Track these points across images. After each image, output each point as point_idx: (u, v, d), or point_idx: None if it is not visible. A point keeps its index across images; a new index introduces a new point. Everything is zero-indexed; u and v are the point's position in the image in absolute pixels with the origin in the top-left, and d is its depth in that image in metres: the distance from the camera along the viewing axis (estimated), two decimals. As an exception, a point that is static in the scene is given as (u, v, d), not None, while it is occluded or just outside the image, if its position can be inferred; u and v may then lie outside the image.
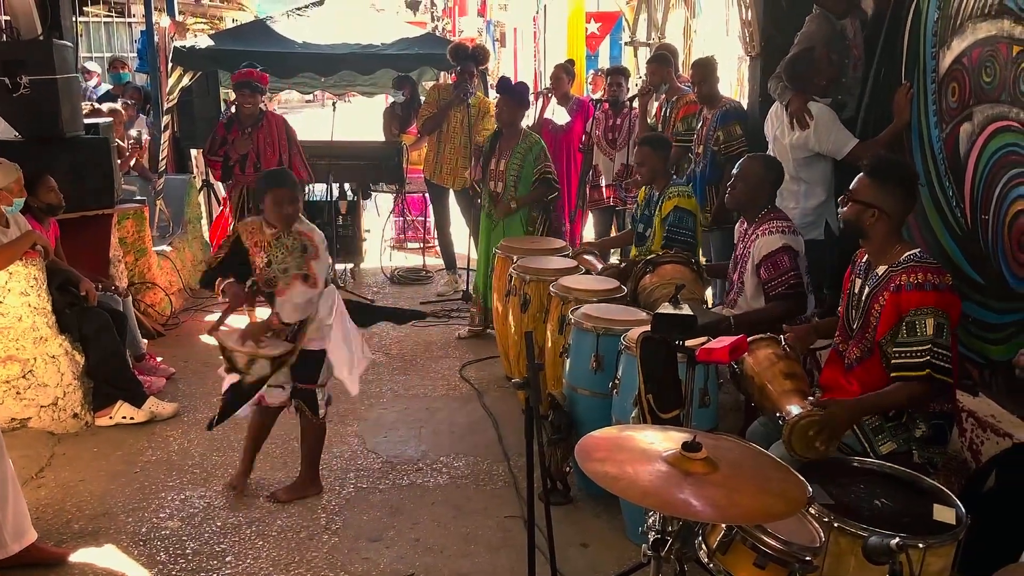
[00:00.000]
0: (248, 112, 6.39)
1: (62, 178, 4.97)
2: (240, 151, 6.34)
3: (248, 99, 6.37)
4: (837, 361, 3.23)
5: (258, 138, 6.37)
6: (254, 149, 6.35)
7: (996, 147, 3.59)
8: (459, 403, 5.15)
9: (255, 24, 8.99)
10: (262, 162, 6.27)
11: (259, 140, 6.37)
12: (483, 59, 7.16)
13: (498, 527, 3.77)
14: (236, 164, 6.39)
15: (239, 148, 6.33)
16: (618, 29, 12.28)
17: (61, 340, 4.68)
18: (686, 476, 2.02)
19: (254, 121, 6.40)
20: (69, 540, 3.64)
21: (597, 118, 6.86)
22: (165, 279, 6.76)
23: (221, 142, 6.45)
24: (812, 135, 4.40)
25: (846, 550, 2.30)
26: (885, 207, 2.97)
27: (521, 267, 4.81)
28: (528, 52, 18.95)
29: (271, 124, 6.46)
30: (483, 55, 7.21)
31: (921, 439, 2.95)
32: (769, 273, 3.84)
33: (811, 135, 4.40)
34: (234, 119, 6.48)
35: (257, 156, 6.33)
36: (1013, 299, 3.52)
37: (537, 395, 2.64)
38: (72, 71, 5.42)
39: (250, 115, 6.39)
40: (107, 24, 14.76)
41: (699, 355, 2.62)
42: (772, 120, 4.78)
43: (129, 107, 8.11)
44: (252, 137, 6.35)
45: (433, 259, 8.34)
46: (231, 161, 6.41)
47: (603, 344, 3.79)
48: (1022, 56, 3.39)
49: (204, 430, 4.69)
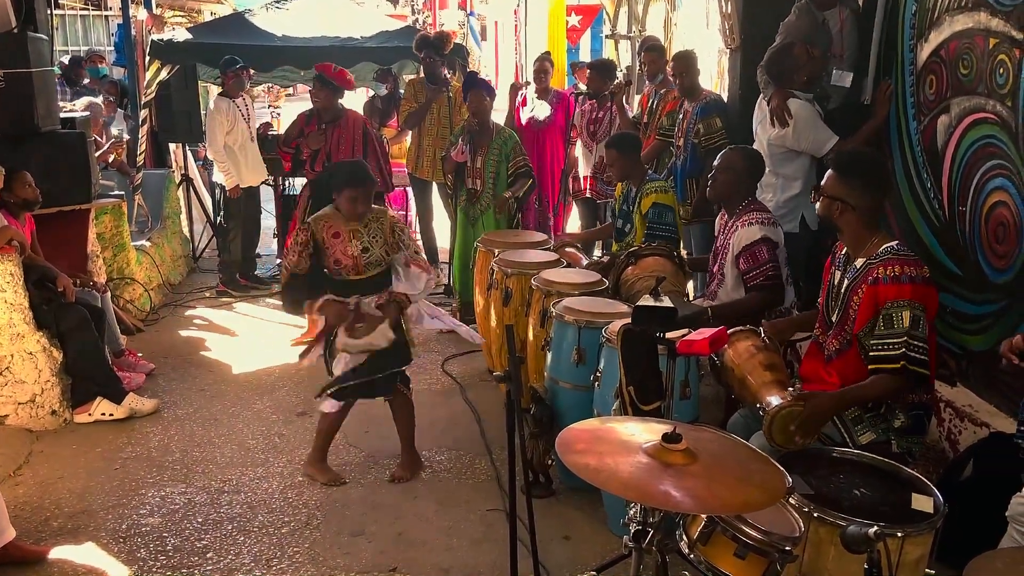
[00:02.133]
0: (319, 107, 6.09)
1: (38, 173, 4.93)
2: (312, 146, 6.07)
3: (317, 93, 6.10)
4: (817, 353, 3.25)
5: (334, 135, 6.07)
6: (326, 146, 6.05)
7: (973, 139, 3.62)
8: (441, 397, 5.14)
9: (234, 17, 8.91)
10: (333, 161, 5.94)
11: (334, 137, 6.06)
12: (443, 46, 7.12)
13: (480, 520, 3.77)
14: (308, 160, 6.12)
15: (311, 143, 6.07)
16: (599, 22, 12.28)
17: (39, 336, 4.63)
18: (666, 468, 2.03)
19: (332, 117, 6.09)
20: (48, 538, 3.61)
21: (582, 111, 6.86)
22: (144, 274, 6.71)
23: (297, 134, 6.19)
24: (791, 133, 4.40)
25: (825, 539, 2.32)
26: (851, 201, 3.00)
27: (503, 261, 4.81)
28: (509, 45, 18.91)
29: (349, 123, 6.15)
30: (443, 42, 7.17)
31: (900, 429, 2.97)
32: (748, 264, 3.85)
33: (789, 133, 4.40)
34: (314, 113, 6.20)
35: (328, 154, 6.02)
36: (990, 290, 3.55)
37: (519, 388, 2.64)
38: (47, 65, 5.37)
39: (326, 110, 6.07)
40: (83, 17, 14.61)
41: (680, 347, 2.63)
42: (757, 113, 4.79)
43: (110, 103, 8.04)
44: (326, 133, 6.06)
45: (414, 253, 8.30)
46: (302, 155, 6.15)
47: (585, 337, 3.80)
48: (998, 48, 3.42)
49: (184, 426, 4.67)
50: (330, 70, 6.05)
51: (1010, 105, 3.36)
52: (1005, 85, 3.39)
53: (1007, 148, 3.39)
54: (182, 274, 7.77)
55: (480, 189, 5.84)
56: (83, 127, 5.66)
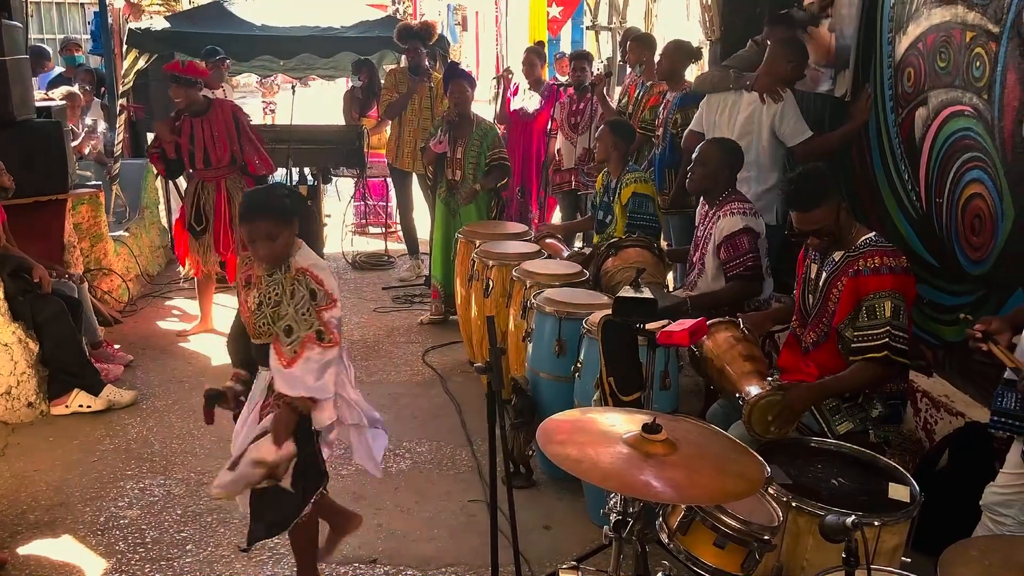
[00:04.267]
0: (182, 105, 5.64)
1: (13, 163, 4.86)
2: (166, 139, 5.58)
3: (176, 92, 5.62)
4: (794, 344, 3.28)
5: (206, 128, 5.65)
6: (201, 140, 5.62)
7: (950, 131, 3.65)
8: (422, 388, 5.14)
9: (212, 6, 8.83)
10: (212, 156, 5.65)
11: (206, 130, 5.65)
12: (428, 36, 7.10)
13: (461, 511, 3.78)
14: (185, 158, 5.64)
15: (164, 136, 5.59)
16: (580, 13, 12.27)
17: (14, 328, 4.58)
18: (646, 458, 2.04)
19: (198, 111, 5.63)
20: (24, 531, 3.58)
21: (562, 103, 6.87)
22: (122, 265, 6.66)
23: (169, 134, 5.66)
24: (779, 112, 4.40)
25: (804, 529, 2.35)
26: (826, 223, 3.03)
27: (483, 252, 4.81)
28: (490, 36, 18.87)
29: (218, 113, 5.70)
30: (428, 32, 7.15)
31: (877, 418, 3.01)
32: (728, 254, 3.87)
33: (779, 111, 4.40)
34: (180, 113, 5.72)
35: (205, 148, 5.63)
36: (966, 281, 3.59)
37: (499, 379, 2.64)
38: (22, 52, 5.30)
39: (190, 105, 5.61)
40: (59, 5, 14.44)
41: (659, 338, 2.63)
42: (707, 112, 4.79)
43: (87, 92, 7.94)
44: (193, 126, 5.60)
45: (395, 244, 8.30)
46: (169, 154, 5.64)
47: (565, 328, 3.80)
48: (975, 42, 3.45)
49: (163, 418, 4.64)
50: (178, 67, 5.76)
51: (986, 98, 3.39)
52: (981, 78, 3.41)
53: (983, 141, 3.42)
54: (160, 265, 7.71)
55: (460, 180, 5.83)
56: (59, 116, 5.60)
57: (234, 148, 5.71)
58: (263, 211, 2.76)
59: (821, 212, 3.01)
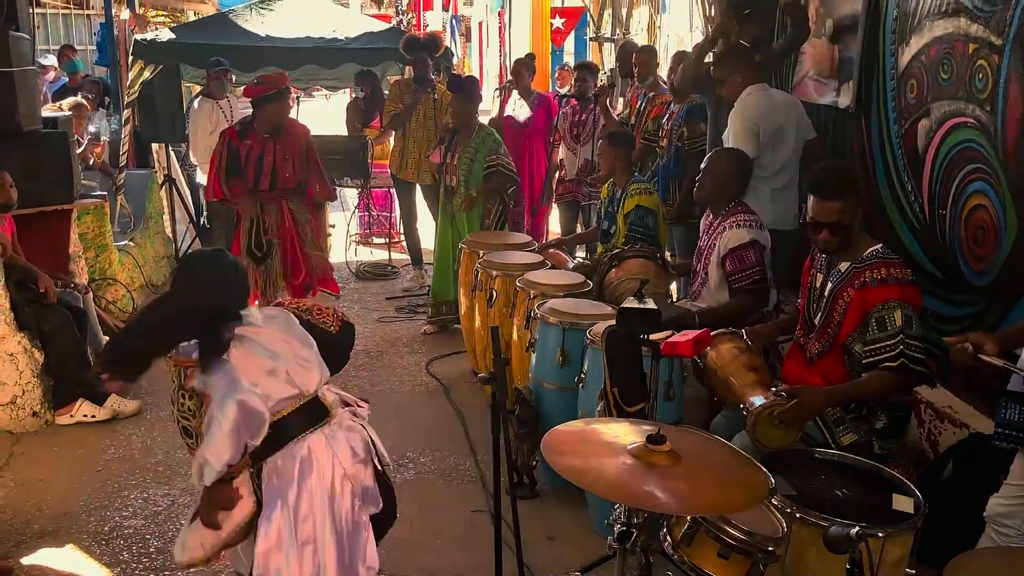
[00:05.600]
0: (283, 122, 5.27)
1: (19, 173, 4.88)
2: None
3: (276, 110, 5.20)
4: (799, 355, 3.27)
5: (276, 150, 5.23)
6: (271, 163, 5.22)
7: (953, 143, 3.65)
8: (426, 399, 5.14)
9: (217, 17, 8.88)
10: (280, 178, 5.24)
11: (277, 152, 5.23)
12: (436, 47, 7.13)
13: (465, 522, 3.78)
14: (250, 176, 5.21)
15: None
16: (583, 24, 12.31)
17: (20, 337, 4.59)
18: (650, 469, 2.04)
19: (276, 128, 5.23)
20: (29, 541, 3.59)
21: (564, 113, 6.89)
22: (126, 275, 6.67)
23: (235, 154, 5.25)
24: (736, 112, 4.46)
25: (808, 540, 2.34)
26: (845, 220, 3.00)
27: (487, 262, 4.82)
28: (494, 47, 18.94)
29: (291, 134, 5.31)
30: (435, 44, 7.17)
31: (881, 430, 3.00)
32: (734, 266, 3.86)
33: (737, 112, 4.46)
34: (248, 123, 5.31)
35: (275, 171, 5.22)
36: (969, 292, 3.59)
37: (503, 389, 2.65)
38: (29, 64, 5.32)
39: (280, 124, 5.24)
40: (65, 16, 14.52)
41: (663, 349, 2.64)
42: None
43: (91, 101, 7.98)
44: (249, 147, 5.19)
45: (399, 254, 8.31)
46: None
47: (569, 338, 3.81)
48: (978, 54, 3.46)
49: (167, 427, 4.64)
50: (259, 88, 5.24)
51: (989, 110, 3.40)
52: (984, 90, 3.42)
53: (986, 152, 3.43)
54: (165, 275, 7.71)
55: (455, 185, 5.84)
56: (65, 127, 5.62)
57: (303, 173, 5.34)
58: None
59: (843, 204, 2.99)
